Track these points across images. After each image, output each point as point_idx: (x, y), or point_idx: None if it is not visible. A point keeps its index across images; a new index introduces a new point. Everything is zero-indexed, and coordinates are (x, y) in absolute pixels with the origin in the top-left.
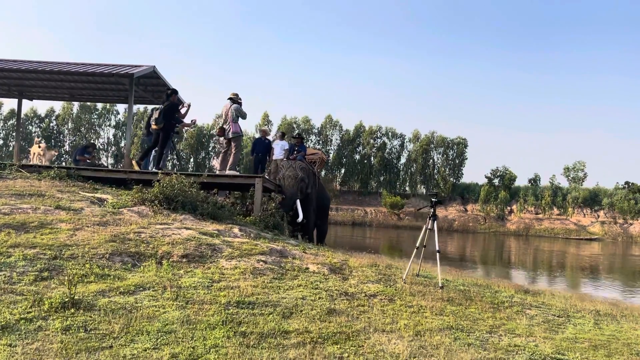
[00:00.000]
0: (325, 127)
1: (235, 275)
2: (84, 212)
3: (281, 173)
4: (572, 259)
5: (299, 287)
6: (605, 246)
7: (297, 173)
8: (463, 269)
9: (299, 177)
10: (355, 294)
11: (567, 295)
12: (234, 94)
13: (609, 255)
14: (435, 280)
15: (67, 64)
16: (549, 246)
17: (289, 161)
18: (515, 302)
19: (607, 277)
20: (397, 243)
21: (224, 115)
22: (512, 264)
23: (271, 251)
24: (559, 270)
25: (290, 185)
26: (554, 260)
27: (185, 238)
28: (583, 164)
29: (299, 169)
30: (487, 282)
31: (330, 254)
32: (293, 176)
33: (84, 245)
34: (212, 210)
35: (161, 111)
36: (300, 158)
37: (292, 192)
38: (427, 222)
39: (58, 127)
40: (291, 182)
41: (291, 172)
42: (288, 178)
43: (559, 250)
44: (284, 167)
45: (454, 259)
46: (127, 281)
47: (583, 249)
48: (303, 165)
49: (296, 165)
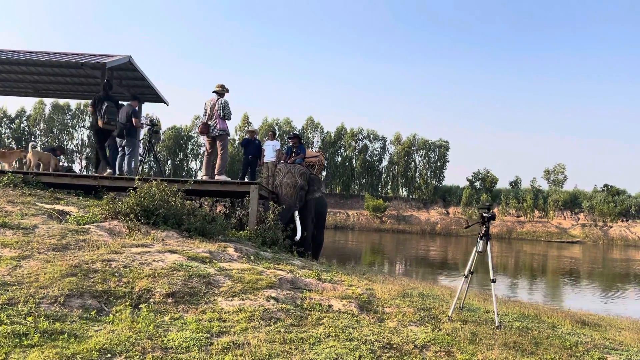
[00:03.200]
0: (306, 129)
1: (241, 323)
2: (38, 232)
3: (278, 179)
4: (566, 264)
5: (327, 338)
6: (587, 249)
7: (296, 180)
8: (482, 287)
9: (299, 185)
10: (402, 346)
11: (628, 324)
12: (219, 86)
13: (591, 258)
14: (486, 315)
15: (29, 52)
16: (533, 249)
17: (287, 165)
18: (585, 342)
19: (611, 286)
20: (380, 247)
21: (209, 110)
22: (506, 272)
23: (281, 282)
24: (558, 277)
25: (288, 194)
26: (550, 265)
27: (170, 267)
28: (563, 166)
29: (299, 175)
30: (536, 312)
31: (349, 279)
32: (292, 184)
33: (29, 284)
34: (201, 224)
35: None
36: (300, 162)
37: (291, 203)
38: (477, 244)
39: (29, 128)
40: (289, 190)
41: (289, 178)
42: (286, 186)
43: (554, 255)
44: (281, 172)
45: (436, 264)
46: (89, 342)
47: (566, 252)
48: (303, 170)
49: (295, 170)
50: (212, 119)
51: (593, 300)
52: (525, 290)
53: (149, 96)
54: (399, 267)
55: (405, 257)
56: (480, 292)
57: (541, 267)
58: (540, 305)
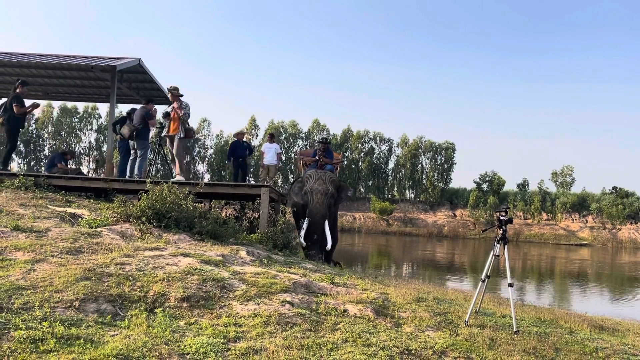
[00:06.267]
0: (312, 131)
1: (257, 328)
2: (51, 235)
3: (309, 185)
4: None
5: (345, 343)
6: (595, 252)
7: (327, 187)
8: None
9: (329, 193)
10: (421, 352)
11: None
12: (174, 87)
13: (600, 261)
14: (503, 320)
15: (40, 55)
16: (541, 252)
17: (317, 171)
18: (604, 348)
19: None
20: (387, 250)
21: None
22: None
23: (295, 286)
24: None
25: (320, 202)
26: (559, 268)
27: (184, 271)
28: (571, 168)
29: (330, 182)
30: (552, 317)
31: (362, 283)
32: (323, 191)
33: (44, 288)
34: (213, 227)
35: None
36: (331, 168)
37: (323, 212)
38: (494, 247)
39: (37, 131)
40: (321, 198)
41: (321, 185)
42: (317, 193)
43: (562, 257)
44: (311, 177)
45: (444, 267)
46: (105, 347)
47: (575, 255)
48: (333, 177)
49: (326, 177)
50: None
51: (606, 303)
52: (536, 294)
53: (158, 99)
54: (408, 270)
55: (413, 260)
56: (492, 296)
57: (550, 270)
58: (556, 310)
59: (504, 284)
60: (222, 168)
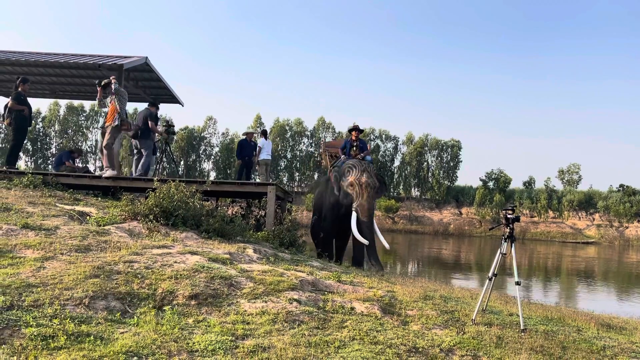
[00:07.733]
0: (317, 129)
1: (265, 325)
2: (59, 233)
3: (353, 177)
4: (583, 266)
5: (352, 341)
6: (602, 250)
7: (375, 181)
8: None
9: (377, 187)
10: (428, 350)
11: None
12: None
13: (607, 259)
14: (510, 318)
15: (47, 54)
16: (548, 250)
17: (360, 162)
18: (612, 346)
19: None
20: (393, 248)
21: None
22: (522, 273)
23: (302, 284)
24: (574, 278)
25: (370, 195)
26: (565, 266)
27: (192, 268)
28: (578, 166)
29: (374, 175)
30: (559, 315)
31: (369, 281)
32: (372, 185)
33: (54, 285)
34: (220, 225)
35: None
36: (370, 160)
37: (372, 207)
38: (501, 246)
39: (44, 130)
40: (371, 192)
41: (369, 178)
42: (368, 187)
43: (569, 255)
44: (355, 168)
45: (450, 265)
46: (115, 345)
47: (582, 253)
48: (375, 169)
49: (371, 169)
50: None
51: (613, 301)
52: (543, 292)
53: (164, 97)
54: (414, 268)
55: (419, 258)
56: (499, 294)
57: (557, 268)
58: (563, 308)
59: (511, 282)
60: (228, 166)
